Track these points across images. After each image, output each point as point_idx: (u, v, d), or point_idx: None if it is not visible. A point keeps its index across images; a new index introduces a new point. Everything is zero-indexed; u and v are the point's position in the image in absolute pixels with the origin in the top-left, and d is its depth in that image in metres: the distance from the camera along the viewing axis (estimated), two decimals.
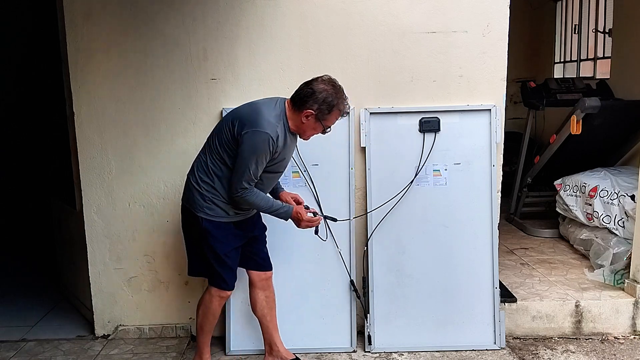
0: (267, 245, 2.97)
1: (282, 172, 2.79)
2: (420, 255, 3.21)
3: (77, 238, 3.46)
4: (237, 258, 2.81)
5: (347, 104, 2.63)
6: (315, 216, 2.80)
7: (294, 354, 3.03)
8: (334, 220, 2.95)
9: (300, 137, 2.69)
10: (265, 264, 2.94)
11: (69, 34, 3.13)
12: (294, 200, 2.89)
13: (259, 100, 2.70)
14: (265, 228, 2.96)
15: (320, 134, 2.66)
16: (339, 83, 2.62)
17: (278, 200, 2.76)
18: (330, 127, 2.64)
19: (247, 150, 2.50)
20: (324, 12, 3.12)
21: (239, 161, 2.53)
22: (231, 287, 2.81)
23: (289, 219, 2.72)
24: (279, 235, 3.18)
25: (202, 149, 2.75)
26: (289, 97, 2.64)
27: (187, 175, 2.75)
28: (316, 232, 2.89)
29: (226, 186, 2.62)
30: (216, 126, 2.73)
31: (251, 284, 2.94)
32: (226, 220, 2.69)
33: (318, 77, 2.60)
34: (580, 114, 4.24)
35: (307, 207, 2.83)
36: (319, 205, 3.17)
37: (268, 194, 2.74)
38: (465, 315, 3.21)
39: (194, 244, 2.79)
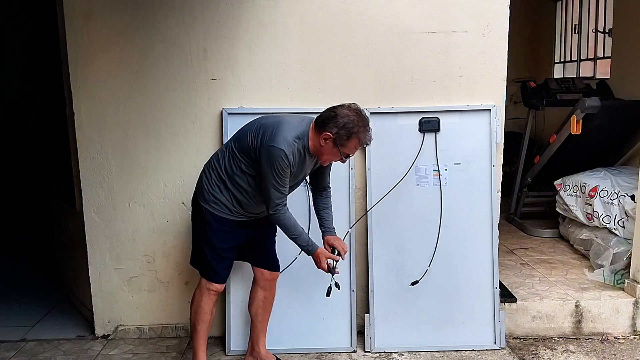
0: (275, 247, 2.94)
1: (295, 187, 2.75)
2: (420, 255, 3.20)
3: (77, 238, 3.46)
4: (232, 256, 2.79)
5: (370, 135, 2.54)
6: (331, 266, 2.74)
7: (274, 355, 3.01)
8: (337, 287, 2.80)
9: (320, 162, 2.64)
10: (271, 264, 2.91)
11: (69, 34, 3.13)
12: (330, 247, 2.85)
13: (288, 115, 2.70)
14: (274, 229, 2.92)
15: (339, 162, 2.60)
16: (366, 114, 2.57)
17: (305, 234, 2.70)
18: (349, 155, 2.57)
19: (265, 165, 2.50)
20: (324, 12, 3.12)
21: (263, 177, 2.53)
22: (221, 281, 2.78)
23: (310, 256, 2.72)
24: (280, 235, 3.18)
25: (222, 147, 2.77)
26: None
27: (204, 166, 2.76)
28: (328, 294, 2.79)
29: (240, 190, 2.63)
30: (240, 129, 2.70)
31: (254, 281, 2.94)
32: (229, 218, 2.69)
33: (345, 103, 2.55)
34: (580, 114, 4.24)
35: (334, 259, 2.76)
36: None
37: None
38: (465, 315, 3.21)
39: (195, 234, 2.80)
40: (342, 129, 2.46)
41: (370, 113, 3.17)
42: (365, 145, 2.59)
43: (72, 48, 3.14)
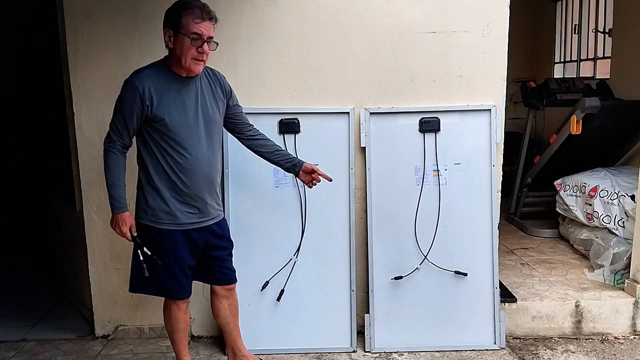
0: (232, 260, 2.76)
1: (193, 149, 2.45)
2: (420, 256, 3.20)
3: (77, 238, 3.46)
4: (187, 269, 2.59)
5: (197, 2, 2.35)
6: (142, 254, 2.47)
7: (256, 355, 2.97)
8: (153, 260, 2.50)
9: (186, 67, 2.37)
10: (228, 279, 2.75)
11: (69, 34, 3.12)
12: (310, 171, 2.76)
13: None
14: (229, 244, 2.74)
15: (204, 51, 2.36)
16: None
17: (122, 190, 2.46)
18: (196, 34, 2.32)
19: (116, 101, 2.41)
20: (324, 12, 3.13)
21: None
22: (185, 296, 2.64)
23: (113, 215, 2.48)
24: (280, 235, 3.19)
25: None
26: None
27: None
28: (143, 274, 2.49)
29: (159, 173, 2.46)
30: None
31: (213, 293, 2.77)
32: (174, 227, 2.49)
33: None
34: (580, 114, 4.24)
35: (144, 252, 2.47)
36: (305, 209, 3.17)
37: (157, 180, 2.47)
38: (465, 315, 3.21)
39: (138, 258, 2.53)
40: (172, 16, 2.34)
41: (370, 113, 3.18)
42: (201, 13, 2.33)
43: (72, 48, 3.14)
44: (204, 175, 2.52)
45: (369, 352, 3.17)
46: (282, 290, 3.14)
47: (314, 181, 2.83)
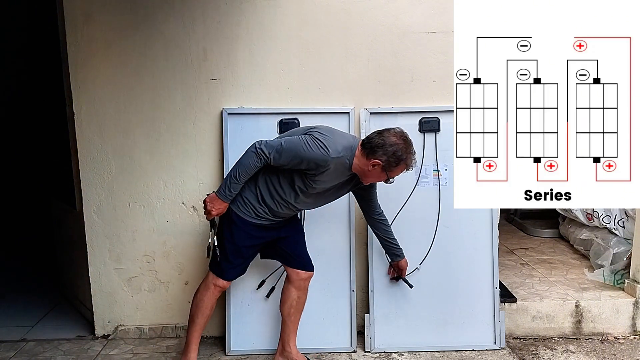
0: (306, 247, 2.94)
1: (316, 203, 2.77)
2: (419, 255, 3.20)
3: (77, 238, 3.46)
4: (248, 256, 2.80)
5: (414, 159, 2.60)
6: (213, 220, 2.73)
7: (305, 356, 3.01)
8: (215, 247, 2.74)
9: (360, 179, 2.65)
10: (304, 264, 2.90)
11: (69, 34, 3.13)
12: (400, 267, 3.08)
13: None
14: (300, 231, 2.96)
15: (383, 182, 2.63)
16: (410, 138, 2.60)
17: (239, 188, 2.63)
18: (394, 178, 2.62)
19: (297, 140, 2.52)
20: (324, 12, 3.13)
21: (286, 136, 2.61)
22: (229, 278, 2.80)
23: (217, 194, 2.63)
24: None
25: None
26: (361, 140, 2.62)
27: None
28: (208, 255, 2.77)
29: (273, 191, 2.65)
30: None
31: (288, 280, 2.92)
32: (253, 222, 2.71)
33: (391, 129, 2.58)
34: None
35: (213, 240, 2.73)
36: None
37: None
38: (465, 315, 3.21)
39: (220, 237, 2.76)
40: (392, 156, 2.52)
41: (370, 113, 3.18)
42: (409, 169, 2.61)
43: (72, 48, 3.14)
44: (295, 212, 2.82)
45: (369, 352, 3.17)
46: (273, 288, 3.17)
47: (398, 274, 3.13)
